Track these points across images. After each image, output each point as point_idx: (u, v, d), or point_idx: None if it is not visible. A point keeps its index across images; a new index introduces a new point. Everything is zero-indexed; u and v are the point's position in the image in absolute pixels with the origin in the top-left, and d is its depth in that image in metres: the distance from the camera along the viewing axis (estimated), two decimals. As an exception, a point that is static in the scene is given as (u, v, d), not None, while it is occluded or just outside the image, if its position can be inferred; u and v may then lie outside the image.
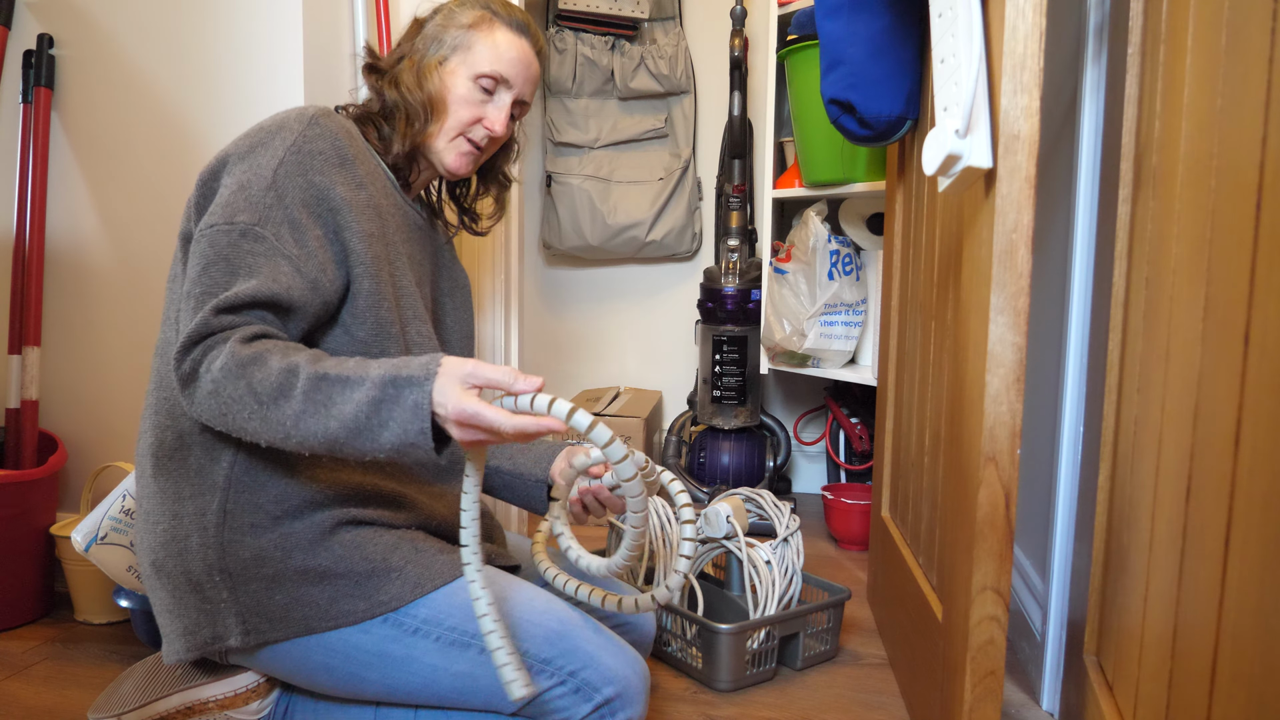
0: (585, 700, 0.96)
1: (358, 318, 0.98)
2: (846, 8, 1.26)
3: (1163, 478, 0.78)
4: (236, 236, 0.91)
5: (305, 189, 0.95)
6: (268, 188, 0.93)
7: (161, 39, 1.55)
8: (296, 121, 0.98)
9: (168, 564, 0.94)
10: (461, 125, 1.09)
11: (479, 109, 1.09)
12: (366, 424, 0.82)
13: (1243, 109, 0.61)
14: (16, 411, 1.60)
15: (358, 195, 0.99)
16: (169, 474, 0.96)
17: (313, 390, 0.83)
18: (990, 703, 0.91)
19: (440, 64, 1.08)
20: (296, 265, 0.92)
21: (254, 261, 0.90)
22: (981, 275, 0.92)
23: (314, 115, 0.99)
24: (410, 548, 0.99)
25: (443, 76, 1.08)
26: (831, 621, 1.41)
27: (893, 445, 1.52)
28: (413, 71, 1.08)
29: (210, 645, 0.94)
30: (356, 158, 1.01)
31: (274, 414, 0.84)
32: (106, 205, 1.61)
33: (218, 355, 0.85)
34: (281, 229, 0.92)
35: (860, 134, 1.33)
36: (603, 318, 2.69)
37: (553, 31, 2.50)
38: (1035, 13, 0.84)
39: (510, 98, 1.11)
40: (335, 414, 0.83)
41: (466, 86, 1.08)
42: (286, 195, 0.93)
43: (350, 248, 0.97)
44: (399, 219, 1.08)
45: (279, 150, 0.95)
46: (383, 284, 0.99)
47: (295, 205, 0.94)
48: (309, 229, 0.94)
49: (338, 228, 0.96)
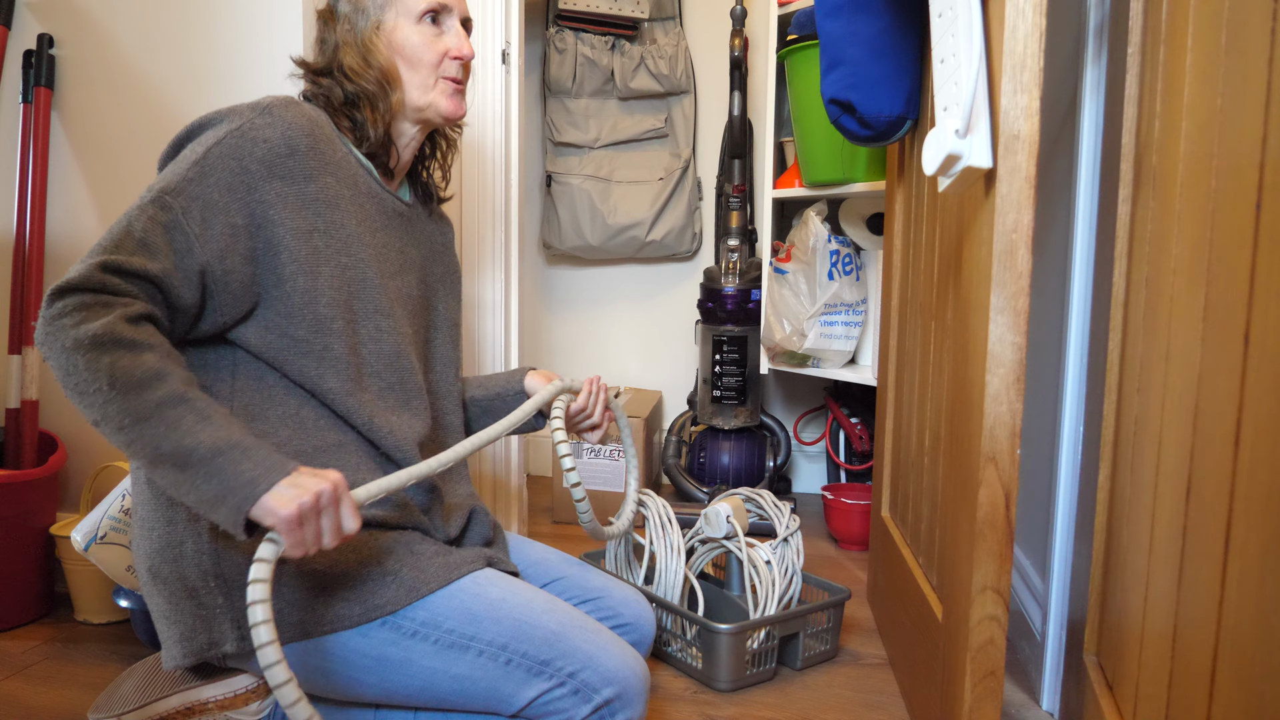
0: (585, 701, 0.96)
1: (293, 316, 0.97)
2: (846, 8, 1.26)
3: (1163, 478, 0.78)
4: (148, 201, 0.91)
5: (234, 173, 0.93)
6: (196, 162, 0.93)
7: (161, 39, 1.55)
8: (251, 109, 0.97)
9: (163, 570, 0.94)
10: (432, 66, 1.08)
11: (438, 43, 1.08)
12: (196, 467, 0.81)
13: (1243, 109, 0.61)
14: (16, 411, 1.60)
15: (303, 188, 0.97)
16: None
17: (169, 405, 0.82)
18: (990, 703, 0.91)
19: (377, 29, 1.07)
20: (190, 244, 0.91)
21: (149, 227, 0.89)
22: (981, 275, 0.92)
23: (270, 104, 0.98)
24: (406, 551, 0.99)
25: (389, 37, 1.07)
26: (831, 621, 1.41)
27: (893, 445, 1.52)
28: (355, 53, 1.06)
29: (207, 651, 0.94)
30: (312, 149, 0.99)
31: (119, 404, 0.81)
32: (106, 205, 1.61)
33: (95, 318, 0.82)
34: (191, 204, 0.91)
35: (860, 134, 1.33)
36: (603, 318, 2.69)
37: (553, 31, 2.50)
38: (1035, 13, 0.84)
39: (457, 20, 1.11)
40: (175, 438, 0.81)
41: (416, 32, 1.07)
42: (210, 175, 0.93)
43: (280, 243, 0.95)
44: (370, 207, 1.06)
45: (222, 131, 0.95)
46: (321, 280, 0.97)
47: (217, 187, 0.93)
48: (222, 214, 0.93)
49: (265, 221, 0.95)
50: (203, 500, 0.82)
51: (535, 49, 2.59)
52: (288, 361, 0.98)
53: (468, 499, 1.16)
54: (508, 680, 0.96)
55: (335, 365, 0.99)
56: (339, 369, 0.99)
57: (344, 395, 0.99)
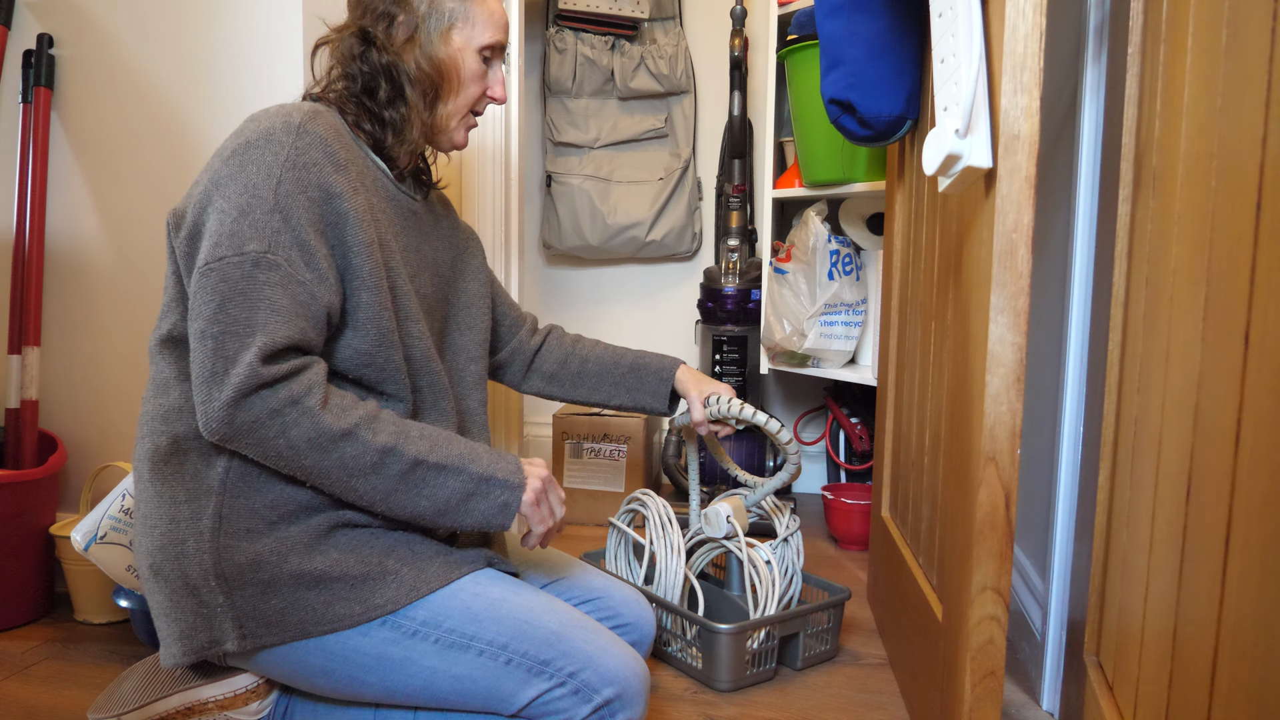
0: (585, 702, 0.96)
1: (359, 330, 0.97)
2: (846, 8, 1.26)
3: (1163, 478, 0.78)
4: (249, 268, 0.88)
5: (308, 206, 0.92)
6: (271, 210, 0.90)
7: (161, 39, 1.55)
8: (284, 132, 0.93)
9: (165, 567, 0.94)
10: (471, 101, 1.08)
11: (483, 81, 1.08)
12: (455, 509, 0.95)
13: (1243, 109, 0.61)
14: (16, 411, 1.60)
15: (355, 202, 0.96)
16: (165, 478, 0.95)
17: (409, 473, 0.93)
18: (990, 703, 0.91)
19: (447, 36, 1.04)
20: (311, 291, 0.90)
21: (271, 294, 0.88)
22: (981, 275, 0.92)
23: (300, 123, 0.94)
24: (407, 551, 0.99)
25: (450, 51, 1.04)
26: (831, 621, 1.41)
27: (893, 445, 1.52)
28: (415, 45, 1.03)
29: (207, 649, 0.94)
30: (348, 161, 0.98)
31: (362, 486, 0.92)
32: (106, 205, 1.61)
33: (294, 421, 0.87)
34: (293, 253, 0.90)
35: (860, 134, 1.33)
36: (603, 318, 2.69)
37: (553, 31, 2.50)
38: (1035, 13, 0.84)
39: (501, 62, 1.10)
40: (427, 495, 0.94)
41: (475, 61, 1.05)
42: (292, 216, 0.90)
43: (351, 264, 0.95)
44: (392, 211, 1.06)
45: (274, 168, 0.91)
46: (382, 294, 0.98)
47: (302, 225, 0.91)
48: (318, 249, 0.92)
49: (343, 244, 0.95)
50: (470, 528, 0.98)
51: (535, 49, 2.59)
52: (352, 370, 0.98)
53: None
54: (508, 680, 0.96)
55: (394, 375, 1.00)
56: (395, 379, 1.00)
57: (395, 401, 1.01)
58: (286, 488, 0.95)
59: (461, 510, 0.95)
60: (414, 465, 0.93)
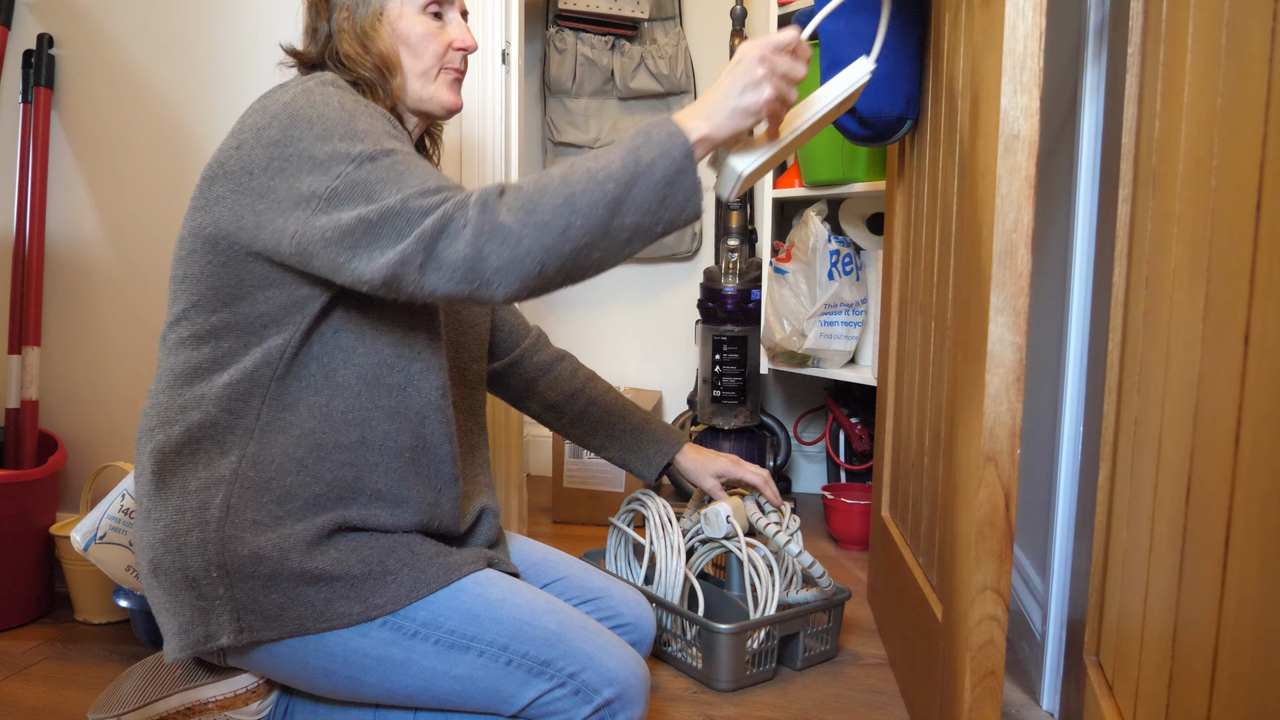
0: (585, 702, 0.96)
1: None
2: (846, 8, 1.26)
3: (1163, 478, 0.78)
4: (368, 163, 0.87)
5: (380, 118, 0.94)
6: (350, 125, 0.90)
7: (161, 39, 1.55)
8: (319, 85, 0.95)
9: (165, 561, 0.94)
10: (437, 58, 1.06)
11: (442, 34, 1.07)
12: (635, 168, 0.84)
13: (1243, 109, 0.61)
14: (16, 411, 1.60)
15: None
16: (174, 469, 0.95)
17: (571, 171, 0.85)
18: (990, 703, 0.91)
19: (379, 16, 1.04)
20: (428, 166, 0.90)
21: (399, 165, 0.88)
22: (981, 275, 0.92)
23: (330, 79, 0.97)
24: (407, 552, 0.99)
25: (392, 25, 1.04)
26: (831, 621, 1.41)
27: (893, 445, 1.52)
28: (353, 40, 1.03)
29: (204, 643, 0.93)
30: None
31: (630, 200, 0.83)
32: (106, 205, 1.61)
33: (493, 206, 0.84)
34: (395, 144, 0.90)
35: (860, 134, 1.33)
36: (603, 318, 2.69)
37: (553, 31, 2.50)
38: (1035, 13, 0.84)
39: (457, 11, 1.09)
40: (602, 175, 0.83)
41: (421, 22, 1.05)
42: (375, 127, 0.91)
43: None
44: None
45: (330, 101, 0.92)
46: None
47: (381, 123, 0.93)
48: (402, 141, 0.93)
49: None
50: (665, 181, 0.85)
51: (535, 49, 2.59)
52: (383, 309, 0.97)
53: (484, 488, 1.15)
54: (508, 681, 0.96)
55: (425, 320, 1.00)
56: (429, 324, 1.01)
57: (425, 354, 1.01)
58: (297, 482, 0.95)
59: (645, 169, 0.85)
60: (560, 169, 0.86)
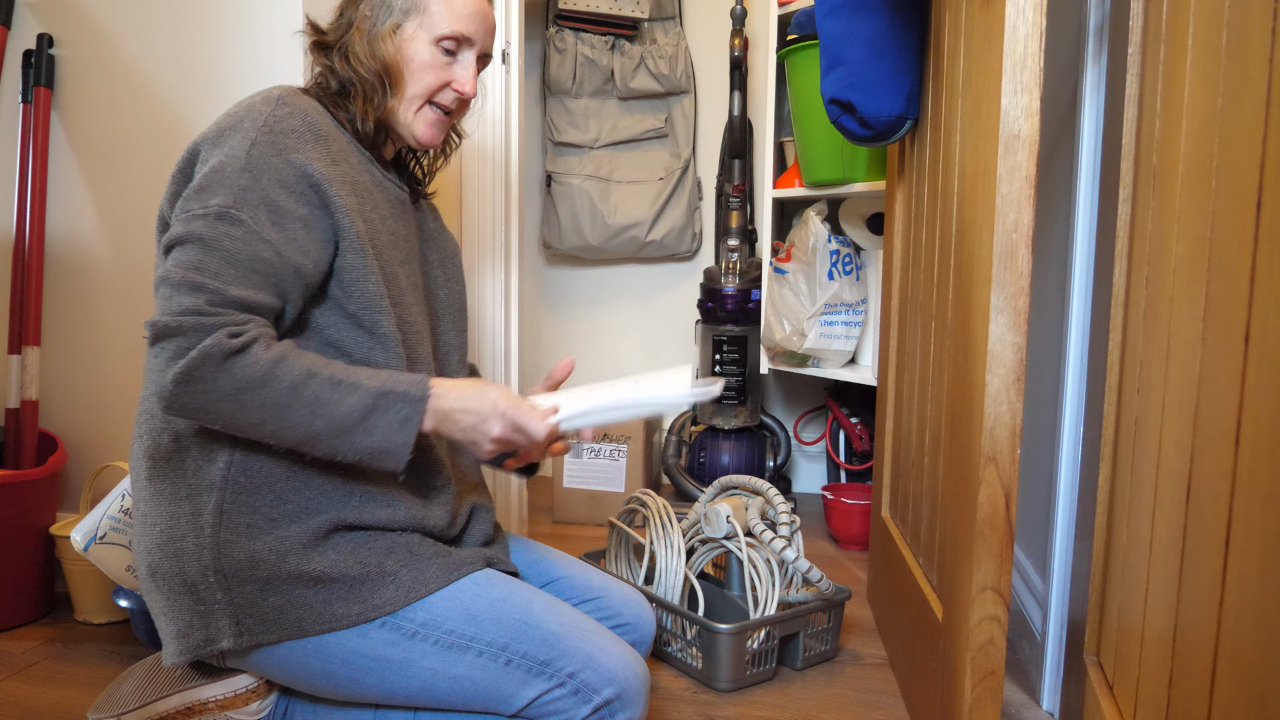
0: (585, 702, 0.96)
1: (346, 291, 0.97)
2: (846, 8, 1.26)
3: (1163, 478, 0.78)
4: (213, 220, 0.89)
5: (282, 168, 0.92)
6: (242, 169, 0.91)
7: (161, 39, 1.55)
8: (264, 103, 0.96)
9: (163, 566, 0.94)
10: (428, 91, 1.05)
11: (445, 72, 1.05)
12: (353, 429, 0.89)
13: (1243, 109, 0.61)
14: (16, 411, 1.60)
15: (334, 170, 0.96)
16: (165, 475, 0.95)
17: (301, 386, 0.88)
18: (990, 703, 0.91)
19: (395, 30, 1.03)
20: (276, 250, 0.90)
21: (232, 246, 0.88)
22: (981, 275, 0.92)
23: (281, 95, 0.97)
24: (406, 552, 0.98)
25: (399, 44, 1.03)
26: (831, 621, 1.41)
27: (893, 445, 1.52)
28: (364, 40, 1.03)
29: (204, 647, 0.93)
30: (328, 134, 0.99)
31: (252, 401, 0.86)
32: (106, 205, 1.61)
33: (199, 341, 0.85)
34: (259, 211, 0.90)
35: (860, 134, 1.33)
36: (603, 318, 2.69)
37: (553, 31, 2.50)
38: (1035, 12, 0.84)
39: (474, 54, 1.07)
40: (322, 413, 0.88)
41: (429, 52, 1.03)
42: (262, 176, 0.91)
43: (338, 223, 0.95)
44: (378, 195, 1.05)
45: (250, 131, 0.93)
46: (368, 258, 0.97)
47: (272, 186, 0.91)
48: (290, 209, 0.92)
49: (326, 205, 0.94)
50: (370, 453, 0.91)
51: (535, 49, 2.59)
52: (344, 336, 0.98)
53: (474, 486, 1.15)
54: (508, 681, 0.96)
55: (384, 341, 0.99)
56: (387, 345, 0.99)
57: None
58: (288, 485, 0.95)
59: (360, 430, 0.89)
60: (307, 376, 0.88)
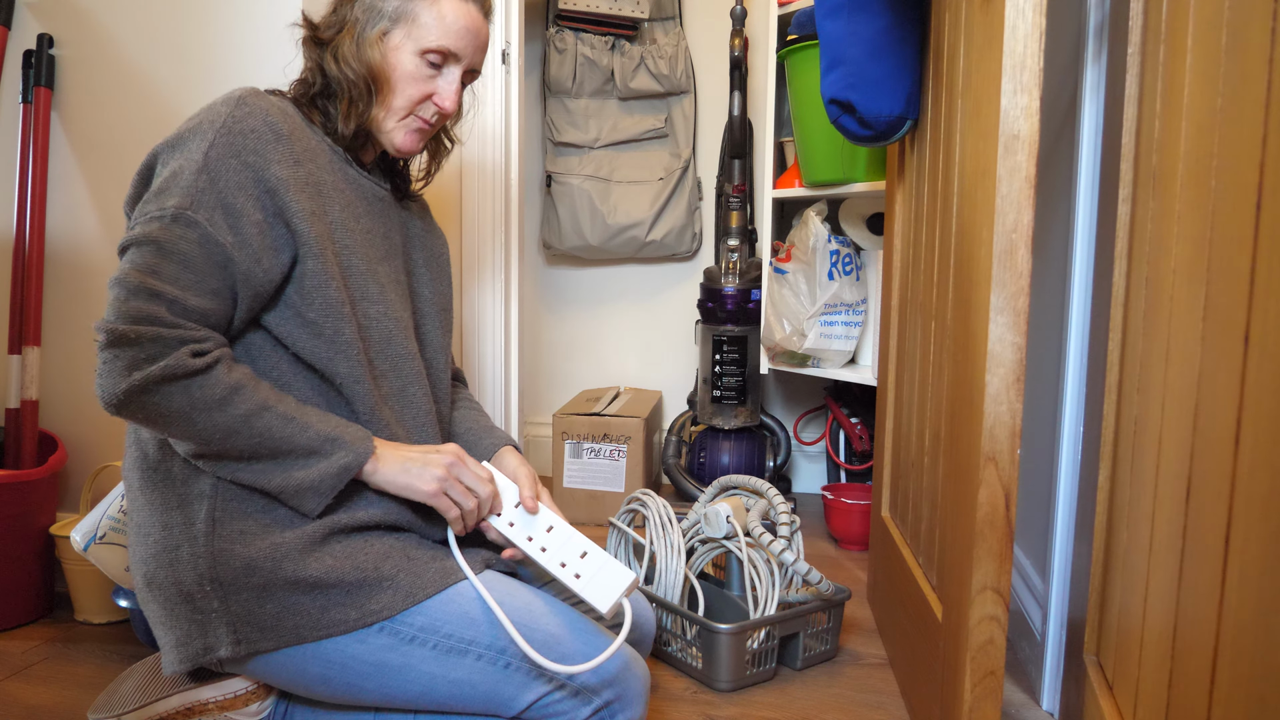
0: (585, 704, 0.96)
1: (306, 298, 0.96)
2: (846, 8, 1.26)
3: (1163, 478, 0.78)
4: (169, 223, 0.89)
5: (239, 170, 0.92)
6: (199, 171, 0.91)
7: (161, 39, 1.55)
8: (224, 104, 0.95)
9: (159, 575, 0.94)
10: (411, 104, 1.04)
11: (428, 84, 1.04)
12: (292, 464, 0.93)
13: (1243, 109, 0.61)
14: (16, 411, 1.60)
15: (295, 172, 0.96)
16: (156, 485, 0.95)
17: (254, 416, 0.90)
18: (990, 703, 0.91)
19: (382, 37, 1.02)
20: (231, 253, 0.90)
21: (188, 250, 0.89)
22: (981, 275, 0.92)
23: (241, 96, 0.96)
24: (402, 556, 0.98)
25: (385, 51, 1.02)
26: (831, 621, 1.41)
27: (893, 445, 1.52)
28: (352, 43, 1.02)
29: (202, 656, 0.93)
30: (292, 134, 0.97)
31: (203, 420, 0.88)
32: (106, 205, 1.61)
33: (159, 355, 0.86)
34: (215, 214, 0.90)
35: (860, 134, 1.33)
36: (603, 318, 2.69)
37: (553, 31, 2.50)
38: (1035, 13, 0.84)
39: (460, 70, 1.06)
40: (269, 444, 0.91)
41: (413, 63, 1.02)
42: (219, 179, 0.91)
43: (294, 227, 0.95)
44: (351, 193, 1.04)
45: (209, 133, 0.92)
46: (328, 264, 0.97)
47: (230, 189, 0.91)
48: (246, 213, 0.92)
49: (279, 209, 0.94)
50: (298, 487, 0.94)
51: (535, 49, 2.59)
52: (300, 343, 0.97)
53: None
54: (507, 683, 0.95)
55: (345, 350, 0.98)
56: (349, 354, 0.98)
57: (352, 381, 0.99)
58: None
59: (298, 465, 0.92)
60: (261, 409, 0.90)
